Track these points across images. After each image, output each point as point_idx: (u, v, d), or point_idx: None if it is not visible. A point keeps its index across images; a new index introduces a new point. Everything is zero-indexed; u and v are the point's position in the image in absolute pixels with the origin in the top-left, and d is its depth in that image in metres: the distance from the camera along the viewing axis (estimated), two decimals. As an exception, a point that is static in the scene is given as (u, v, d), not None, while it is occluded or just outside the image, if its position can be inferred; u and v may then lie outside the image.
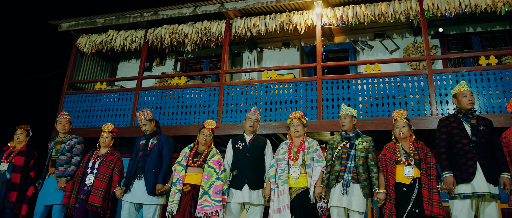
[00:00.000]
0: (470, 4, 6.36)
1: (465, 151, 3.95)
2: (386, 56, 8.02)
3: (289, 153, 4.43)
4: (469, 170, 3.87)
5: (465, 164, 3.91)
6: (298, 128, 4.51)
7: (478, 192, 3.80)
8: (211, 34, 7.56)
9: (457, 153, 4.00)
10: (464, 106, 4.14)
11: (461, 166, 3.93)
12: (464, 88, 4.20)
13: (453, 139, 4.07)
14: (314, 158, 4.34)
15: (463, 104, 4.15)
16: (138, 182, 4.70)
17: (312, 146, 4.44)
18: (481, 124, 4.06)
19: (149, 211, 4.68)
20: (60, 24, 8.50)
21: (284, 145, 4.58)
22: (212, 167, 4.52)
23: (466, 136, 4.01)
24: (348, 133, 4.45)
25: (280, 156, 4.47)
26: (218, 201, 4.31)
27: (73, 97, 8.00)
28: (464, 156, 3.94)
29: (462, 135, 4.03)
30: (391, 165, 4.17)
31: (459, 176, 3.92)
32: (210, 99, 7.12)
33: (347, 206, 4.12)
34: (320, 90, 6.53)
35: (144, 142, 4.95)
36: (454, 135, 4.07)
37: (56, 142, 5.32)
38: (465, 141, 3.99)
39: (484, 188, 3.80)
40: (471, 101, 4.13)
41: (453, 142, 4.06)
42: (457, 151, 4.01)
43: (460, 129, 4.06)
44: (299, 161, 4.35)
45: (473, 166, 3.88)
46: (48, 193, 5.04)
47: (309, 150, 4.41)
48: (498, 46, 7.62)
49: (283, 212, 4.10)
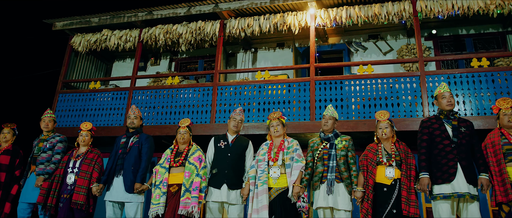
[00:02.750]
0: (462, 6, 6.40)
1: (446, 152, 3.99)
2: (380, 57, 8.05)
3: (269, 154, 4.45)
4: (450, 171, 3.91)
5: (446, 165, 3.95)
6: (277, 128, 4.53)
7: (458, 192, 3.83)
8: (205, 34, 7.57)
9: (438, 154, 4.04)
10: (443, 107, 4.19)
11: (442, 166, 3.96)
12: (444, 90, 4.24)
13: (434, 140, 4.11)
14: (293, 158, 4.36)
15: (443, 105, 4.20)
16: (117, 179, 4.72)
17: (292, 146, 4.46)
18: (462, 126, 4.11)
19: (131, 210, 4.69)
20: (54, 23, 8.49)
21: (264, 146, 4.60)
22: (193, 164, 4.53)
23: (448, 137, 4.05)
24: (326, 134, 4.47)
25: (260, 157, 4.48)
26: (194, 197, 4.33)
27: (67, 96, 7.98)
28: (445, 157, 3.98)
29: (443, 136, 4.07)
30: (372, 165, 4.21)
31: (440, 176, 3.95)
32: (204, 99, 7.12)
33: (333, 205, 4.14)
34: (313, 91, 6.55)
35: (124, 140, 4.97)
36: (436, 136, 4.11)
37: (39, 140, 5.33)
38: (447, 142, 4.03)
39: (464, 189, 3.83)
40: (450, 103, 4.17)
41: (434, 143, 4.10)
42: (438, 152, 4.04)
43: (441, 130, 4.10)
44: (279, 162, 4.37)
45: (454, 167, 3.91)
46: (30, 191, 5.03)
47: (288, 150, 4.43)
48: (491, 48, 7.67)
49: (262, 213, 4.11)
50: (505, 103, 4.12)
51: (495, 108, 4.22)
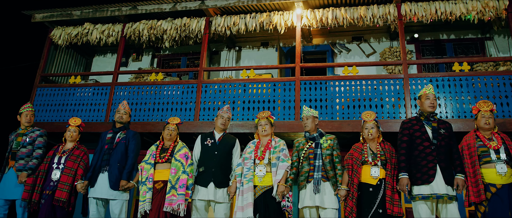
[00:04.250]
0: (445, 11, 6.56)
1: (426, 154, 4.07)
2: (363, 59, 8.15)
3: (255, 152, 4.46)
4: (429, 172, 3.99)
5: (425, 166, 4.03)
6: (265, 127, 4.55)
7: (437, 193, 3.92)
8: (190, 31, 7.49)
9: (418, 156, 4.11)
10: (425, 108, 4.26)
11: (422, 168, 4.04)
12: (429, 91, 4.32)
13: (414, 142, 4.19)
14: (280, 157, 4.39)
15: (425, 106, 4.27)
16: (102, 175, 4.61)
17: (278, 145, 4.48)
18: (442, 127, 4.20)
19: (116, 207, 4.60)
20: (34, 14, 8.24)
21: (251, 144, 4.61)
22: (179, 161, 4.49)
23: (427, 139, 4.13)
24: (311, 134, 4.51)
25: (246, 155, 4.49)
26: (181, 194, 4.29)
27: (45, 90, 7.76)
28: (425, 158, 4.06)
29: (423, 138, 4.15)
30: (357, 164, 4.26)
31: (419, 177, 4.03)
32: (187, 96, 7.05)
33: (320, 204, 4.17)
34: (299, 91, 6.57)
35: (111, 136, 4.87)
36: (416, 137, 4.19)
37: (17, 134, 5.15)
38: (426, 144, 4.11)
39: (442, 190, 3.92)
40: (432, 105, 4.25)
41: (414, 145, 4.18)
42: (418, 153, 4.12)
43: (421, 132, 4.18)
44: (265, 160, 4.38)
45: (433, 169, 4.00)
46: (8, 187, 4.88)
47: (275, 149, 4.45)
48: (470, 53, 7.88)
49: (246, 210, 4.11)
50: (485, 105, 4.24)
51: (475, 108, 4.33)
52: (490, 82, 6.06)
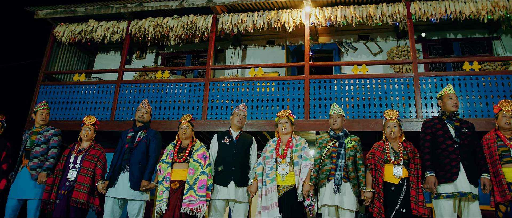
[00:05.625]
0: (455, 10, 6.53)
1: (449, 152, 4.06)
2: (370, 58, 8.12)
3: (277, 151, 4.40)
4: (452, 170, 3.98)
5: (449, 164, 4.01)
6: (286, 125, 4.50)
7: (461, 191, 3.90)
8: (197, 28, 7.40)
9: (441, 154, 4.11)
10: (449, 108, 4.25)
11: (445, 166, 4.03)
12: (450, 91, 4.32)
13: (437, 140, 4.18)
14: (302, 156, 4.33)
15: (448, 106, 4.26)
16: (123, 175, 4.53)
17: (299, 144, 4.43)
18: (464, 127, 4.19)
19: (134, 208, 4.51)
20: (37, 11, 8.10)
21: (272, 143, 4.55)
22: (197, 161, 4.42)
23: (450, 137, 4.12)
24: (337, 133, 4.46)
25: (267, 154, 4.42)
26: (202, 196, 4.21)
27: (49, 88, 7.65)
28: (448, 156, 4.05)
29: (446, 136, 4.14)
30: (380, 163, 4.22)
31: (442, 176, 4.01)
32: (194, 94, 6.97)
33: (339, 204, 4.12)
34: (308, 89, 6.52)
35: (131, 135, 4.78)
36: (439, 136, 4.18)
37: (31, 132, 5.05)
38: (449, 142, 4.10)
39: (466, 188, 3.91)
40: (455, 104, 4.25)
41: (437, 143, 4.17)
42: (441, 151, 4.11)
43: (444, 131, 4.17)
44: (287, 159, 4.33)
45: (457, 167, 3.98)
46: (21, 186, 4.78)
47: (297, 147, 4.39)
48: (477, 52, 7.87)
49: (272, 211, 4.05)
50: (507, 105, 4.21)
51: (496, 108, 4.31)
52: (500, 81, 6.03)
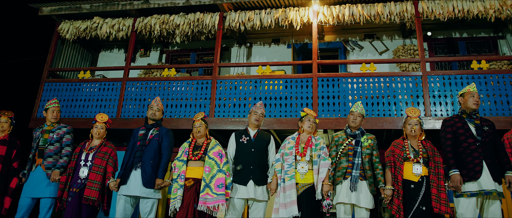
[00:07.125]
0: (463, 9, 6.55)
1: (471, 150, 4.05)
2: (376, 57, 8.12)
3: (296, 148, 4.38)
4: (475, 168, 3.97)
5: (471, 162, 4.00)
6: (313, 125, 4.51)
7: (485, 189, 3.89)
8: (203, 26, 7.38)
9: (463, 152, 4.09)
10: (470, 105, 4.24)
11: (468, 164, 4.01)
12: (473, 89, 4.31)
13: (458, 139, 4.16)
14: (320, 155, 4.31)
15: (469, 103, 4.25)
16: (135, 172, 4.48)
17: (319, 143, 4.41)
18: (485, 125, 4.19)
19: (147, 206, 4.48)
20: (41, 7, 8.03)
21: (291, 140, 4.51)
22: (213, 159, 4.39)
23: (472, 135, 4.11)
24: (353, 131, 4.46)
25: (286, 151, 4.39)
26: (221, 194, 4.18)
27: (53, 85, 7.60)
28: (470, 155, 4.03)
29: (467, 134, 4.12)
30: (399, 161, 4.21)
31: (465, 174, 4.00)
32: (201, 92, 6.94)
33: (355, 202, 4.14)
34: (316, 88, 6.51)
35: (143, 132, 4.74)
36: (460, 134, 4.16)
37: (43, 130, 4.99)
38: (471, 140, 4.09)
39: (490, 186, 3.90)
40: (477, 102, 4.24)
41: (458, 142, 4.15)
42: (463, 150, 4.10)
43: (465, 129, 4.16)
44: (306, 157, 4.31)
45: (480, 165, 3.97)
46: (35, 185, 4.75)
47: (316, 147, 4.38)
48: (482, 51, 7.89)
49: (290, 208, 4.03)
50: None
51: None
52: (509, 80, 6.06)
